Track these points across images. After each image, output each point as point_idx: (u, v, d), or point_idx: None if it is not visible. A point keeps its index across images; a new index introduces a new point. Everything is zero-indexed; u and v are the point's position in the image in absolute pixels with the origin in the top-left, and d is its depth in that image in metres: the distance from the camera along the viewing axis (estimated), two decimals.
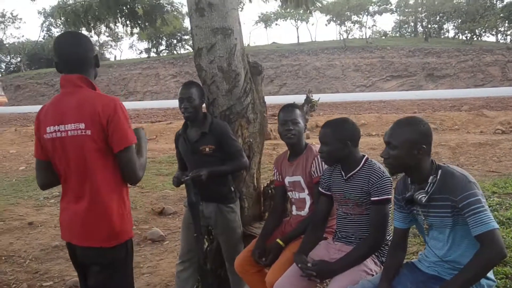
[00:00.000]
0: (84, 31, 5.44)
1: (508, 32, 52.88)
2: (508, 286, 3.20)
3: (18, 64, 58.78)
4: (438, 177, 2.01)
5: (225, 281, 3.18)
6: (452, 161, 8.37)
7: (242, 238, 3.09)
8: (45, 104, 2.04)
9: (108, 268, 1.97)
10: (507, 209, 4.94)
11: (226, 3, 3.02)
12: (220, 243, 3.11)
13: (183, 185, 2.85)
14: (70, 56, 1.96)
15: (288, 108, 2.80)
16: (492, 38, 54.55)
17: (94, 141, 1.87)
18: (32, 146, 13.39)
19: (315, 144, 2.80)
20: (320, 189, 2.61)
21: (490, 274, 2.02)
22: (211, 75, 3.08)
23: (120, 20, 5.29)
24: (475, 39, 50.01)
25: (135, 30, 5.65)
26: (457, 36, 55.71)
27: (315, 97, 15.00)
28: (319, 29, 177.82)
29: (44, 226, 5.50)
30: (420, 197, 2.02)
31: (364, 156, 2.50)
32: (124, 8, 5.06)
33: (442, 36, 58.42)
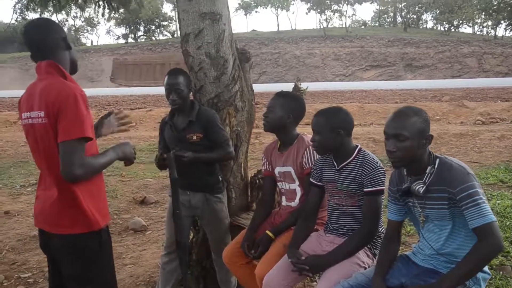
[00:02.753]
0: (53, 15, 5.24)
1: (485, 24, 53.82)
2: (492, 276, 3.23)
3: None
4: (435, 167, 1.97)
5: (211, 273, 3.12)
6: (433, 152, 8.44)
7: (229, 229, 3.02)
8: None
9: (81, 258, 1.91)
10: (489, 200, 4.99)
11: None
12: (206, 234, 3.04)
13: (165, 172, 2.77)
14: (36, 42, 1.93)
15: (274, 95, 2.76)
16: (469, 30, 55.49)
17: (52, 130, 1.81)
18: (6, 132, 12.95)
19: (307, 134, 2.74)
20: (311, 179, 2.55)
21: (485, 267, 2.00)
22: (198, 61, 2.97)
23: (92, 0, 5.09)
24: (453, 30, 50.79)
25: (107, 13, 5.47)
26: (435, 27, 56.39)
27: (302, 85, 14.92)
28: (300, 17, 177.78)
29: (21, 215, 5.33)
30: (417, 188, 1.97)
31: (357, 146, 2.45)
32: None
33: (421, 27, 59.09)
